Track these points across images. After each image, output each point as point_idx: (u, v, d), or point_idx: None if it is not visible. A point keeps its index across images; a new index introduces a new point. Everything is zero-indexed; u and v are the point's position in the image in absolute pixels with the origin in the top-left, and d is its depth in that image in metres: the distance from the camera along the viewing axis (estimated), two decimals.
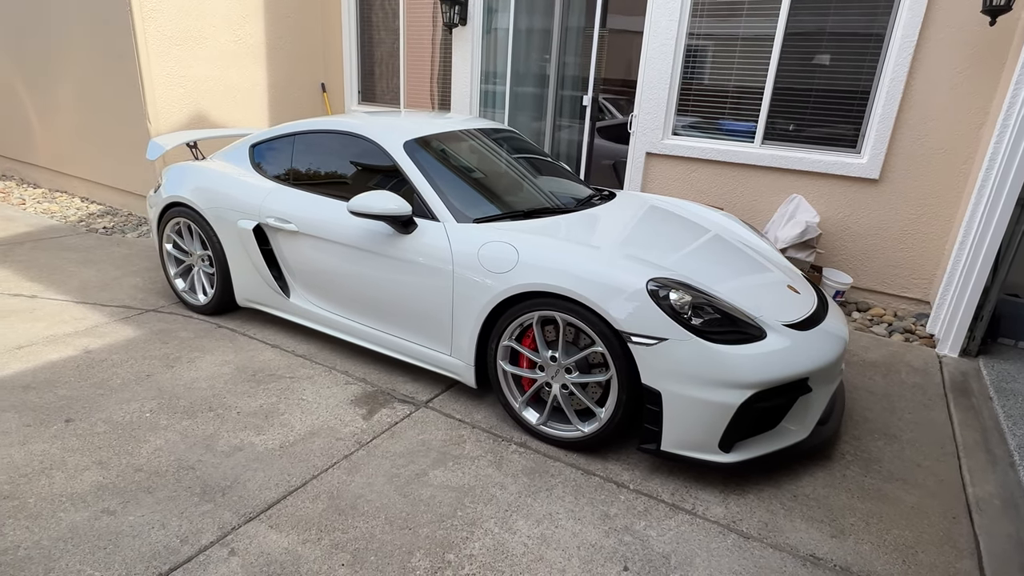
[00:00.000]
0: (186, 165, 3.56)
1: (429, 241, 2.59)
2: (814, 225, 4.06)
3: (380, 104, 6.79)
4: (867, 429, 2.70)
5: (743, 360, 2.08)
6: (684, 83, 4.79)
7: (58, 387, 2.73)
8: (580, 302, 2.20)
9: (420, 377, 2.97)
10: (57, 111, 6.20)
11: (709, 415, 2.09)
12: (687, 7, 4.59)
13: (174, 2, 5.24)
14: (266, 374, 2.94)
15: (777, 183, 4.53)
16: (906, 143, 4.03)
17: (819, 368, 2.22)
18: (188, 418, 2.54)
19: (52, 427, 2.43)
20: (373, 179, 2.92)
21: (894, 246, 4.23)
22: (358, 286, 2.87)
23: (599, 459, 2.39)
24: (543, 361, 2.39)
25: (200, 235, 3.46)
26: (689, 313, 2.13)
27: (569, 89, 5.56)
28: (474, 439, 2.48)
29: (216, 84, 5.79)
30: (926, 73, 3.86)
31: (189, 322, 3.50)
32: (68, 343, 3.16)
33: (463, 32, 5.73)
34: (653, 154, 5.01)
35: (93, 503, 2.02)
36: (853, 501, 2.22)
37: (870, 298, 4.42)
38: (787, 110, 4.41)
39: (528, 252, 2.35)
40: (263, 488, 2.13)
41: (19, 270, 4.23)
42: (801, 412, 2.29)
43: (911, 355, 3.53)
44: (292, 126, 3.28)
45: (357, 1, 6.53)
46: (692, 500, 2.18)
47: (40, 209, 5.99)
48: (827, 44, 4.17)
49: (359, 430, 2.51)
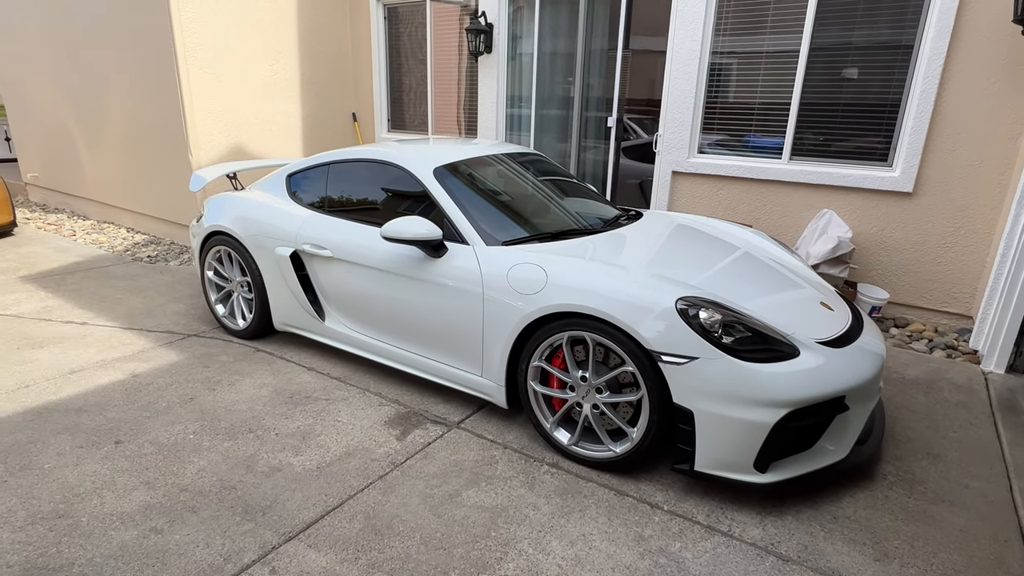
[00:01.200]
0: (226, 195, 3.72)
1: (459, 264, 2.65)
2: (847, 240, 4.00)
3: (409, 131, 6.98)
4: (909, 449, 2.63)
5: (776, 378, 2.06)
6: (708, 101, 4.81)
7: (108, 410, 2.85)
8: (609, 322, 2.22)
9: (452, 398, 3.01)
10: (105, 146, 6.54)
11: (743, 434, 2.07)
12: (710, 26, 4.63)
13: (214, 41, 5.53)
14: (303, 396, 3.01)
15: (807, 199, 4.48)
16: (940, 155, 3.96)
17: (855, 386, 2.18)
18: (229, 439, 2.62)
19: (103, 448, 2.54)
20: (404, 205, 3.00)
21: (932, 260, 4.13)
22: (391, 309, 2.94)
23: (632, 479, 2.37)
24: (573, 381, 2.40)
25: (240, 262, 3.59)
26: (720, 331, 2.13)
27: (594, 110, 5.63)
28: (506, 459, 2.50)
29: (253, 117, 6.05)
30: (958, 84, 3.81)
31: (229, 346, 3.62)
32: (117, 367, 3.30)
33: (488, 59, 5.88)
34: (679, 173, 5.02)
35: (141, 522, 2.10)
36: (897, 523, 2.15)
37: (909, 313, 4.31)
38: (815, 125, 4.38)
39: (556, 273, 2.39)
40: (301, 508, 2.18)
41: (71, 298, 4.44)
42: (839, 431, 2.24)
43: (954, 372, 3.43)
44: (326, 156, 3.41)
45: (386, 34, 6.77)
46: (728, 521, 2.15)
47: (89, 240, 6.29)
48: (854, 57, 4.15)
49: (393, 451, 2.55)
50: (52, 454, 2.49)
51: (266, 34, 5.97)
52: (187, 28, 5.30)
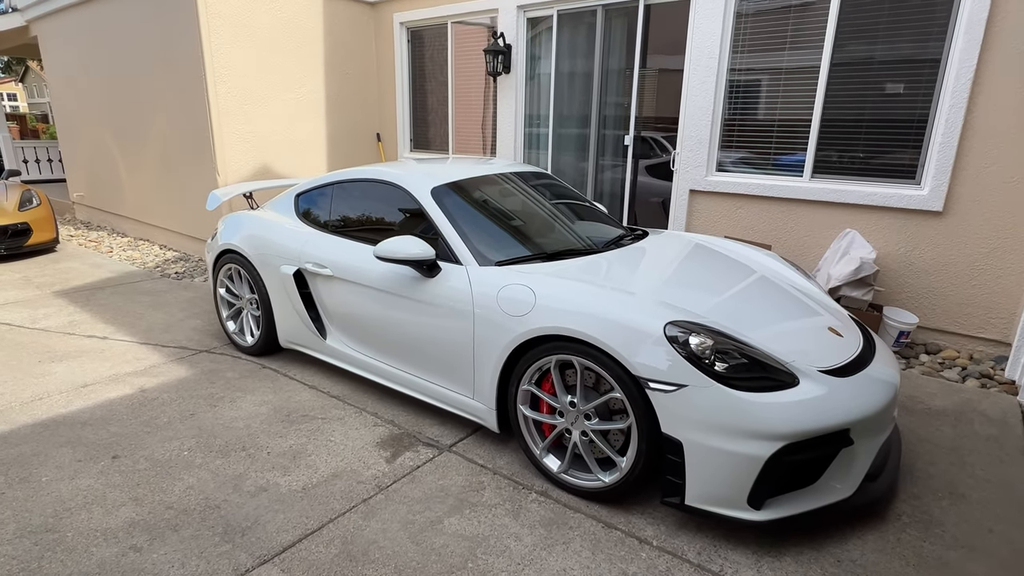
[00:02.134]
0: (240, 215, 3.80)
1: (452, 284, 2.62)
2: (870, 261, 3.80)
3: (431, 151, 7.06)
4: (929, 487, 2.44)
5: (771, 409, 1.94)
6: (727, 118, 4.70)
7: (111, 424, 2.91)
8: (595, 345, 2.14)
9: (447, 420, 2.96)
10: (143, 167, 6.83)
11: (735, 468, 1.96)
12: (727, 43, 4.54)
13: (242, 65, 5.73)
14: (300, 415, 3.02)
15: (829, 218, 4.31)
16: (972, 172, 3.75)
17: (861, 418, 2.04)
18: (221, 457, 2.63)
19: (100, 463, 2.58)
20: (403, 224, 3.00)
21: (965, 282, 3.89)
22: (386, 328, 2.92)
23: (623, 511, 2.27)
24: (562, 406, 2.33)
25: (248, 280, 3.65)
26: (712, 358, 2.02)
27: (611, 129, 5.58)
28: (494, 486, 2.43)
29: (279, 138, 6.22)
30: (989, 98, 3.61)
31: (237, 363, 3.67)
32: (127, 382, 3.38)
33: (507, 79, 5.91)
34: (697, 191, 4.91)
35: (123, 539, 2.11)
36: (907, 570, 1.98)
37: (941, 339, 4.06)
38: (837, 142, 4.22)
39: (545, 294, 2.33)
40: (281, 530, 2.16)
41: (97, 312, 4.60)
42: (845, 466, 2.09)
43: (987, 403, 3.19)
44: (331, 176, 3.45)
45: (409, 55, 6.90)
46: (720, 561, 2.02)
47: (124, 256, 6.54)
48: (877, 72, 4.00)
49: (381, 473, 2.51)
50: (52, 467, 2.55)
51: (292, 58, 6.16)
52: (216, 54, 5.51)
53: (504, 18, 5.77)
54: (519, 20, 5.72)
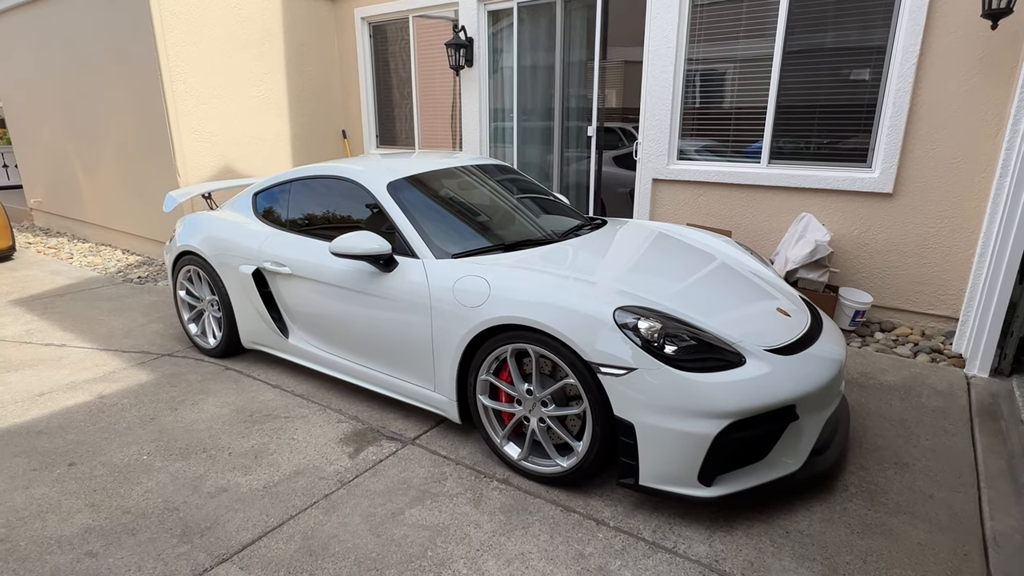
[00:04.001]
0: (198, 215, 3.75)
1: (409, 278, 2.63)
2: (824, 243, 3.91)
3: (398, 147, 7.02)
4: (876, 458, 2.53)
5: (716, 388, 1.99)
6: (686, 108, 4.77)
7: (68, 432, 2.86)
8: (548, 333, 2.17)
9: (411, 414, 2.98)
10: (102, 170, 6.67)
11: (684, 447, 2.01)
12: (684, 33, 4.60)
13: (200, 63, 5.62)
14: (263, 414, 3.00)
15: (787, 202, 4.41)
16: (919, 154, 3.87)
17: (806, 394, 2.11)
18: (182, 459, 2.61)
19: (55, 471, 2.54)
20: (360, 220, 3.00)
21: (916, 261, 4.02)
22: (347, 325, 2.92)
23: (582, 495, 2.31)
24: (519, 395, 2.36)
25: (208, 281, 3.61)
26: (661, 341, 2.07)
27: (575, 121, 5.62)
28: (456, 476, 2.45)
29: (241, 137, 6.13)
30: (932, 82, 3.73)
31: (199, 365, 3.63)
32: (85, 389, 3.32)
33: (470, 73, 5.91)
34: (659, 180, 4.97)
35: (78, 545, 2.08)
36: (852, 537, 2.06)
37: (895, 317, 4.19)
38: (792, 128, 4.32)
39: (499, 285, 2.35)
40: (241, 529, 2.15)
41: (55, 320, 4.50)
42: (792, 441, 2.16)
43: (935, 377, 3.31)
44: (288, 173, 3.42)
45: (372, 51, 6.84)
46: (675, 537, 2.08)
47: (85, 263, 6.39)
48: (827, 60, 4.09)
49: (343, 469, 2.52)
50: (5, 477, 2.50)
51: (252, 55, 6.07)
52: (172, 53, 5.40)
53: (465, 12, 5.76)
54: (480, 13, 5.71)
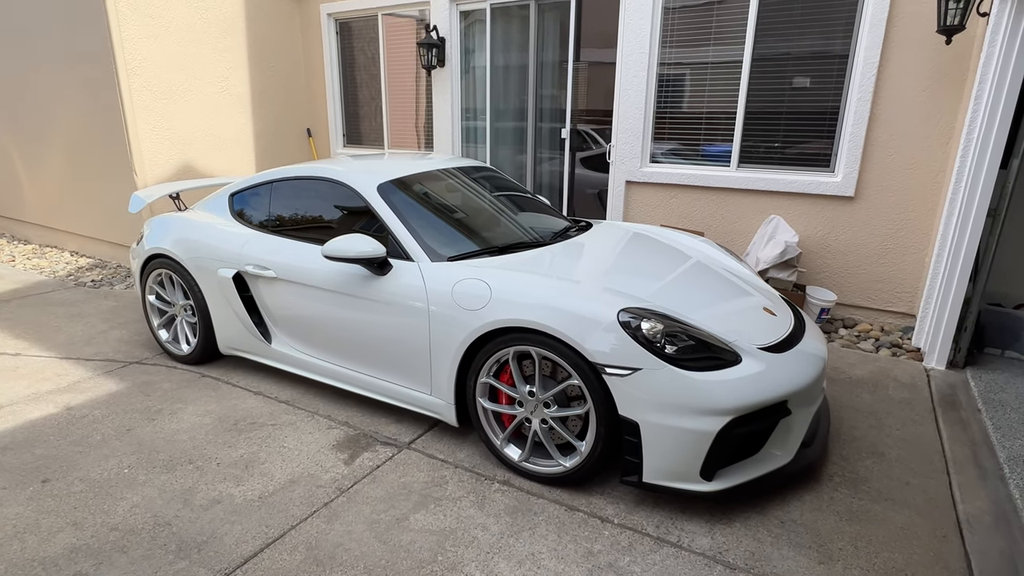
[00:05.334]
0: (167, 217, 3.59)
1: (404, 281, 2.61)
2: (793, 245, 4.09)
3: (365, 146, 6.91)
4: (854, 448, 2.67)
5: (718, 386, 2.07)
6: (659, 111, 4.89)
7: (36, 446, 2.70)
8: (553, 335, 2.20)
9: (403, 418, 2.95)
10: (46, 166, 6.29)
11: (688, 443, 2.08)
12: (656, 38, 4.71)
13: (159, 57, 5.38)
14: (248, 422, 2.91)
15: (755, 205, 4.58)
16: (878, 160, 4.10)
17: (797, 390, 2.21)
18: (167, 472, 2.50)
19: (28, 488, 2.39)
20: (349, 222, 2.95)
21: (875, 261, 4.26)
22: (337, 329, 2.87)
23: (583, 494, 2.35)
24: (521, 396, 2.38)
25: (182, 285, 3.47)
26: (662, 342, 2.13)
27: (548, 122, 5.67)
28: (456, 479, 2.45)
29: (202, 135, 5.90)
30: (891, 92, 3.95)
31: (173, 373, 3.49)
32: (49, 400, 3.14)
33: (442, 73, 5.87)
34: (633, 182, 5.08)
35: (65, 566, 1.98)
36: (841, 524, 2.18)
37: (856, 314, 4.42)
38: (760, 133, 4.49)
39: (500, 287, 2.37)
40: (240, 542, 2.09)
41: (4, 328, 4.22)
42: (783, 435, 2.26)
43: (898, 370, 3.52)
44: (269, 174, 3.33)
45: (339, 48, 6.70)
46: (678, 532, 2.14)
47: (30, 265, 6.02)
48: (794, 67, 4.28)
49: (340, 476, 2.47)
50: None
51: (214, 49, 5.85)
52: (128, 46, 5.14)
53: (436, 11, 5.72)
54: (452, 13, 5.69)
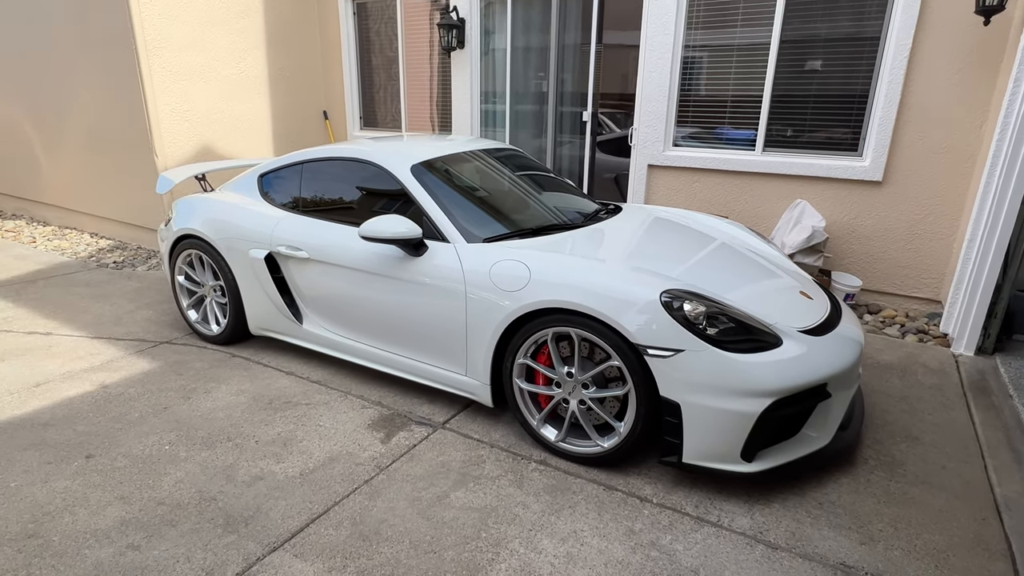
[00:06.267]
0: (195, 197, 3.60)
1: (440, 262, 2.61)
2: (820, 229, 4.06)
3: (381, 129, 6.88)
4: (888, 432, 2.68)
5: (760, 368, 2.07)
6: (683, 94, 4.84)
7: (77, 423, 2.74)
8: (594, 317, 2.20)
9: (436, 398, 2.97)
10: (64, 149, 6.30)
11: (730, 425, 2.09)
12: (682, 20, 4.65)
13: (177, 38, 5.36)
14: (282, 402, 2.94)
15: (780, 189, 4.55)
16: (907, 144, 4.05)
17: (837, 373, 2.21)
18: (207, 449, 2.54)
19: (73, 464, 2.44)
20: (381, 203, 2.95)
21: (902, 247, 4.23)
22: (371, 310, 2.88)
23: (620, 474, 2.37)
24: (559, 377, 2.39)
25: (212, 266, 3.49)
26: (704, 323, 2.13)
27: (568, 105, 5.62)
28: (493, 459, 2.48)
29: (220, 116, 5.88)
30: (923, 74, 3.89)
31: (203, 352, 3.52)
32: (84, 379, 3.18)
33: (461, 55, 5.82)
34: (655, 166, 5.04)
35: (117, 539, 2.02)
36: (880, 506, 2.19)
37: (881, 300, 4.40)
38: (787, 116, 4.44)
39: (539, 269, 2.37)
40: (286, 517, 2.13)
41: (33, 307, 4.27)
42: (821, 418, 2.27)
43: (926, 356, 3.51)
44: (300, 155, 3.32)
45: (356, 30, 6.65)
46: (717, 512, 2.16)
47: (51, 246, 6.06)
48: (823, 49, 4.22)
49: (378, 454, 2.50)
50: (18, 471, 2.38)
51: (231, 30, 5.81)
52: (148, 25, 5.12)
53: None
54: None
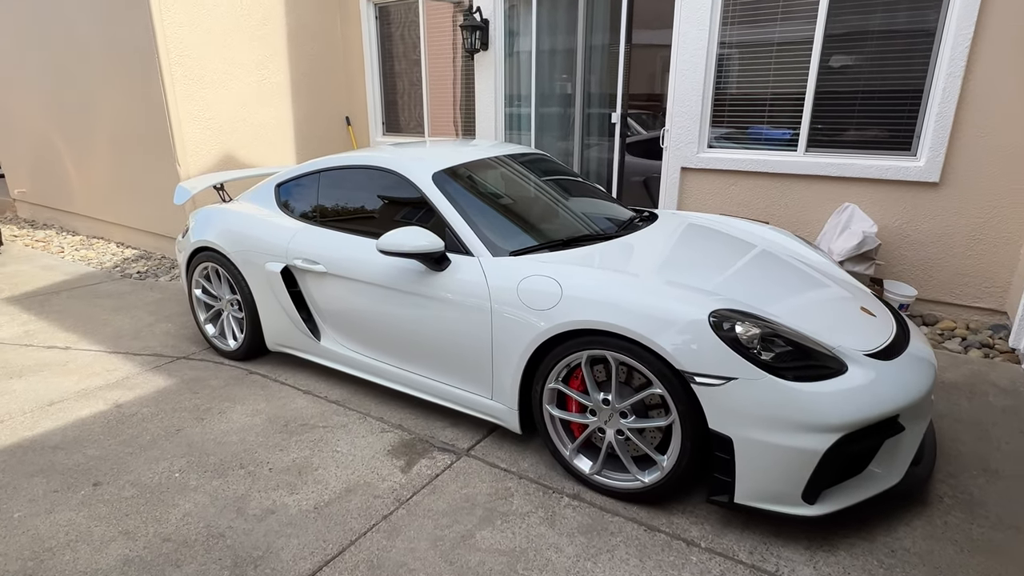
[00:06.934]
0: (212, 208, 3.49)
1: (464, 277, 2.43)
2: (872, 235, 3.77)
3: (404, 134, 6.75)
4: (962, 464, 2.40)
5: (825, 399, 1.83)
6: (718, 93, 4.58)
7: (87, 446, 2.63)
8: (634, 339, 1.99)
9: (459, 421, 2.79)
10: (92, 158, 6.32)
11: (790, 463, 1.85)
12: (717, 16, 4.40)
13: (199, 46, 5.30)
14: (298, 424, 2.79)
15: (824, 192, 4.26)
16: (968, 142, 3.73)
17: (912, 402, 1.96)
18: (218, 477, 2.40)
19: (79, 492, 2.31)
20: (402, 214, 2.78)
21: (961, 253, 3.90)
22: (391, 327, 2.71)
23: (663, 512, 2.15)
24: (594, 404, 2.18)
25: (228, 279, 3.37)
26: (758, 347, 1.90)
27: (596, 107, 5.41)
28: (522, 492, 2.28)
29: (242, 123, 5.82)
30: (986, 68, 3.58)
31: (220, 369, 3.40)
32: (99, 397, 3.08)
33: (485, 57, 5.65)
34: (689, 169, 4.79)
35: None
36: (962, 556, 1.93)
37: (937, 310, 4.08)
38: (831, 115, 4.16)
39: (572, 286, 2.16)
40: (297, 558, 1.96)
41: (55, 320, 4.22)
42: (891, 453, 2.01)
43: (995, 373, 3.20)
44: (317, 163, 3.18)
45: (378, 34, 6.54)
46: (775, 560, 1.92)
47: (78, 256, 6.07)
48: (871, 43, 3.93)
49: (398, 485, 2.32)
50: (24, 500, 2.27)
51: (252, 37, 5.75)
52: (170, 35, 5.07)
53: None
54: None
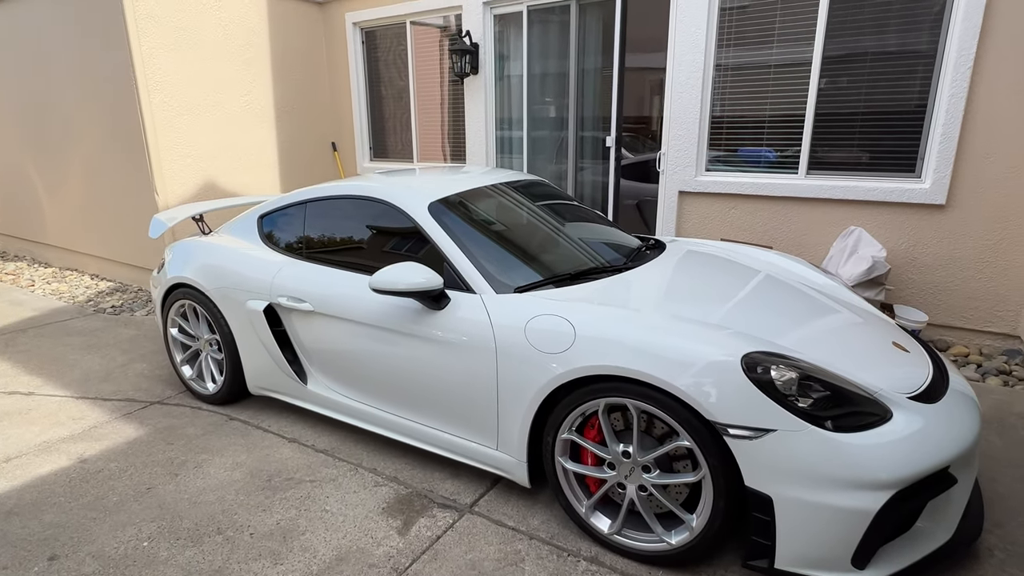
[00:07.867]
0: (190, 241, 3.27)
1: (465, 316, 2.23)
2: (882, 260, 3.64)
3: (392, 160, 6.59)
4: (1006, 509, 2.22)
5: (873, 452, 1.65)
6: (715, 116, 4.49)
7: (45, 511, 2.35)
8: (659, 387, 1.80)
9: (460, 471, 2.56)
10: (66, 188, 6.06)
11: (838, 525, 1.66)
12: (712, 38, 4.33)
13: (180, 72, 5.12)
14: (283, 478, 2.54)
15: (827, 215, 4.15)
16: (973, 163, 3.65)
17: (964, 451, 1.78)
18: (193, 545, 2.14)
19: (33, 568, 2.04)
20: (395, 247, 2.59)
21: (971, 276, 3.79)
22: (384, 370, 2.50)
23: (691, 574, 1.94)
24: (613, 457, 1.98)
25: (207, 318, 3.13)
26: (795, 393, 1.72)
27: (589, 130, 5.30)
28: (534, 555, 2.05)
29: (225, 151, 5.62)
30: (990, 88, 3.51)
31: (197, 415, 3.14)
32: (62, 451, 2.80)
33: (475, 80, 5.54)
34: (687, 192, 4.67)
35: None
36: None
37: (948, 335, 3.95)
38: (832, 137, 4.07)
39: (586, 326, 1.97)
40: None
41: (19, 361, 3.93)
42: (942, 507, 1.83)
43: (1020, 404, 3.05)
44: (303, 193, 2.99)
45: (364, 58, 6.42)
46: None
47: (49, 290, 5.77)
48: (871, 65, 3.86)
49: (394, 550, 2.09)
50: None
51: (235, 62, 5.58)
52: (149, 61, 4.89)
53: (469, 16, 5.40)
54: (485, 17, 5.36)
